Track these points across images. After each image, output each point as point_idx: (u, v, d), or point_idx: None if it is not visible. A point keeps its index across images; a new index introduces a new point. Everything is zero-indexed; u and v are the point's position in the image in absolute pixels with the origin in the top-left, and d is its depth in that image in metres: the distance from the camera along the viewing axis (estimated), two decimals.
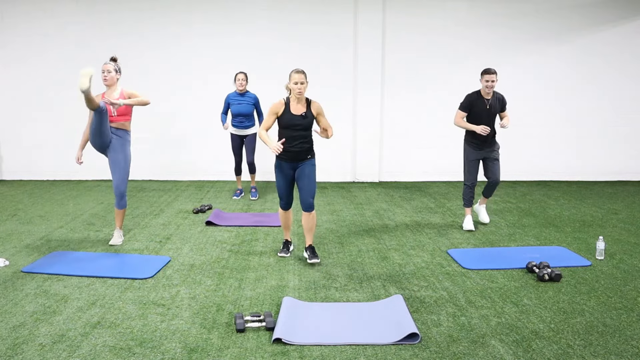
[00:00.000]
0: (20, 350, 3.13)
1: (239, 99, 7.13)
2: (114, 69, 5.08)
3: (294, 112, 4.57)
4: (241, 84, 7.07)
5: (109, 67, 5.07)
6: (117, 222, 5.28)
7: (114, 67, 5.09)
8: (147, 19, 8.52)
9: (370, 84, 8.60)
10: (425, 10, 8.60)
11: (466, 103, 5.67)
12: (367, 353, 3.14)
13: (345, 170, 8.85)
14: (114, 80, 5.09)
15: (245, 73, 7.19)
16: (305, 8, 8.53)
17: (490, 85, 5.51)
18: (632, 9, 8.70)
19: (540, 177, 8.99)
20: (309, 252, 4.75)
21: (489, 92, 5.59)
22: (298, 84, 4.49)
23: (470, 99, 5.65)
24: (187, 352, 3.13)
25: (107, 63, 5.09)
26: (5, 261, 4.62)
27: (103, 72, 5.06)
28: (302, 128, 4.57)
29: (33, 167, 8.85)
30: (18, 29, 8.55)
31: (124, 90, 5.17)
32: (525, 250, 5.10)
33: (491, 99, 5.65)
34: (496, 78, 5.52)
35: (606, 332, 3.41)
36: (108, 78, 5.06)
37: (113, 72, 5.08)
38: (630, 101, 8.90)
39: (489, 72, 5.51)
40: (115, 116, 5.04)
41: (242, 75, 7.12)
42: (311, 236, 4.83)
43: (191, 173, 8.89)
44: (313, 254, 4.72)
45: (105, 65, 5.07)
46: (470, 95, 5.68)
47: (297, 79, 4.49)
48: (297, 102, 4.59)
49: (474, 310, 3.74)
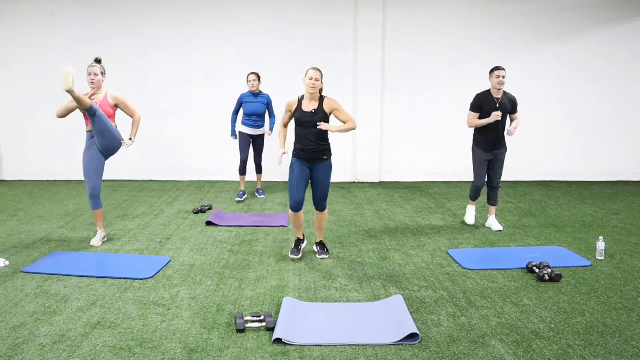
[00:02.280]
0: (20, 350, 3.13)
1: (252, 99, 7.14)
2: (100, 71, 5.01)
3: (305, 109, 4.57)
4: (252, 84, 7.05)
5: (95, 69, 4.99)
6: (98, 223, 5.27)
7: (99, 69, 5.02)
8: (147, 19, 8.52)
9: (370, 84, 8.60)
10: (425, 10, 8.60)
11: (475, 102, 5.62)
12: (367, 353, 3.14)
13: (345, 170, 8.85)
14: (100, 83, 5.03)
15: (256, 73, 7.16)
16: (305, 8, 8.53)
17: (501, 82, 5.43)
18: (632, 9, 8.71)
19: (540, 177, 8.99)
20: (318, 247, 4.89)
21: (500, 88, 5.50)
22: (312, 80, 4.48)
23: (479, 98, 5.60)
24: (187, 352, 3.13)
25: (92, 65, 5.00)
26: (5, 261, 4.62)
27: (89, 74, 4.98)
28: (312, 125, 4.54)
29: (33, 167, 8.85)
30: (18, 29, 8.55)
31: (108, 93, 5.12)
32: (525, 250, 5.10)
33: (501, 98, 5.56)
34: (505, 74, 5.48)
35: (606, 332, 3.41)
36: (95, 81, 4.99)
37: (99, 74, 5.01)
38: (630, 101, 8.90)
39: (499, 68, 5.45)
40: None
41: (253, 75, 7.10)
42: (321, 233, 4.94)
43: (191, 173, 8.89)
44: (323, 249, 4.86)
45: (91, 68, 4.99)
46: (479, 94, 5.63)
47: (312, 75, 4.49)
48: (310, 99, 4.58)
49: (474, 310, 3.74)
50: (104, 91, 5.11)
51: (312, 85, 4.49)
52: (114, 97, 5.11)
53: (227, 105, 8.26)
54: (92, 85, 5.01)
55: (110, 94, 5.11)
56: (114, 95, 5.12)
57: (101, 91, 5.08)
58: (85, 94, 4.91)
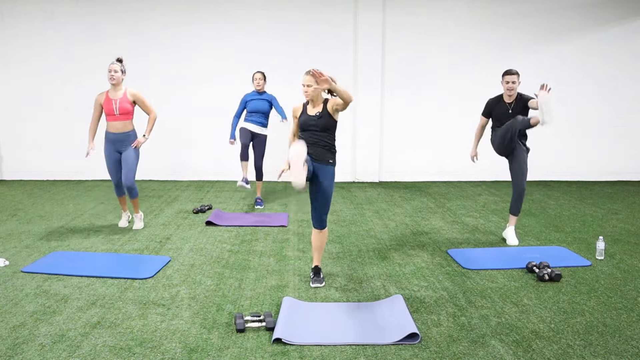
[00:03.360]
0: (20, 350, 3.13)
1: (256, 97, 6.93)
2: (120, 69, 5.46)
3: (310, 113, 4.30)
4: (258, 83, 6.87)
5: (115, 67, 5.43)
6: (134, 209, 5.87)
7: (120, 67, 5.46)
8: (147, 19, 8.52)
9: (370, 84, 8.60)
10: (425, 10, 8.59)
11: (485, 108, 5.45)
12: (367, 353, 3.14)
13: (345, 170, 8.84)
14: (119, 80, 5.45)
15: (262, 72, 6.98)
16: (305, 8, 8.53)
17: (511, 87, 5.18)
18: (632, 9, 8.70)
19: (540, 177, 8.98)
20: (313, 273, 4.30)
21: (511, 94, 5.24)
22: (305, 87, 4.18)
23: (490, 104, 5.41)
24: (187, 352, 3.13)
25: (113, 63, 5.45)
26: (5, 261, 4.63)
27: (110, 71, 5.42)
28: (318, 129, 4.21)
29: (33, 167, 8.85)
30: (18, 29, 8.55)
31: (128, 90, 5.53)
32: (525, 250, 5.10)
33: (514, 102, 5.27)
34: (518, 79, 5.19)
35: (606, 332, 3.41)
36: (115, 77, 5.42)
37: (119, 72, 5.45)
38: (630, 101, 8.90)
39: (509, 73, 5.20)
40: (117, 115, 5.43)
41: (259, 74, 6.93)
42: (319, 256, 4.35)
43: (191, 173, 8.89)
44: (318, 275, 4.27)
45: (112, 65, 5.43)
46: (491, 99, 5.43)
47: (304, 82, 4.18)
48: (314, 104, 4.29)
49: (474, 310, 3.74)
50: (123, 88, 5.51)
51: (306, 92, 4.18)
52: (133, 94, 5.53)
53: (226, 105, 8.25)
54: (112, 82, 5.41)
55: (130, 91, 5.54)
56: (132, 92, 5.54)
57: (121, 88, 5.49)
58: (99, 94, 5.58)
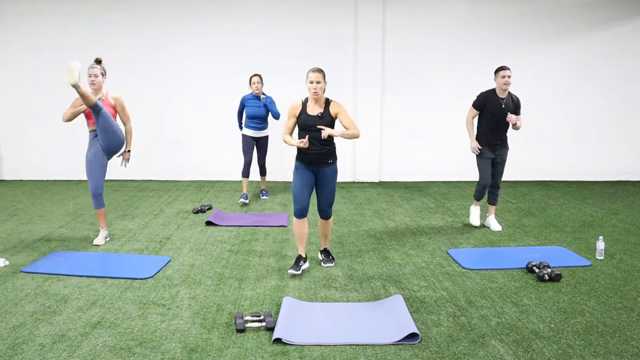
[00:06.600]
0: (20, 350, 3.13)
1: (255, 102, 7.00)
2: (100, 72, 5.00)
3: (310, 113, 4.29)
4: (257, 87, 6.92)
5: (95, 71, 4.97)
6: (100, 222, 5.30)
7: (100, 70, 5.00)
8: (147, 19, 8.52)
9: (370, 84, 8.60)
10: (425, 10, 8.59)
11: (478, 100, 5.62)
12: (367, 353, 3.14)
13: (345, 170, 8.84)
14: (100, 84, 5.02)
15: (259, 75, 7.04)
16: (305, 7, 8.53)
17: (507, 82, 5.45)
18: (632, 9, 8.70)
19: (540, 177, 8.98)
20: (323, 255, 4.72)
21: (506, 88, 5.51)
22: (314, 83, 4.18)
23: (484, 96, 5.60)
24: (187, 352, 3.13)
25: (93, 67, 4.98)
26: (5, 261, 4.62)
27: (90, 76, 4.96)
28: (319, 129, 4.24)
29: (33, 167, 8.85)
30: (18, 29, 8.55)
31: (109, 93, 5.12)
32: (525, 250, 5.10)
33: (506, 98, 5.57)
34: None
35: (606, 332, 3.41)
36: (96, 82, 4.98)
37: (100, 75, 4.99)
38: (630, 101, 8.90)
39: (504, 68, 5.47)
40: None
41: (257, 77, 6.97)
42: (327, 240, 4.78)
43: (191, 173, 8.89)
44: (327, 257, 4.69)
45: (92, 69, 4.97)
46: (484, 93, 5.63)
47: (312, 78, 4.19)
48: (315, 103, 4.29)
49: (474, 310, 3.74)
50: (104, 92, 5.11)
51: (315, 89, 4.20)
52: (115, 98, 5.13)
53: (226, 105, 8.27)
54: (93, 87, 5.00)
55: (111, 95, 5.13)
56: (114, 95, 5.14)
57: (102, 92, 5.08)
58: None
